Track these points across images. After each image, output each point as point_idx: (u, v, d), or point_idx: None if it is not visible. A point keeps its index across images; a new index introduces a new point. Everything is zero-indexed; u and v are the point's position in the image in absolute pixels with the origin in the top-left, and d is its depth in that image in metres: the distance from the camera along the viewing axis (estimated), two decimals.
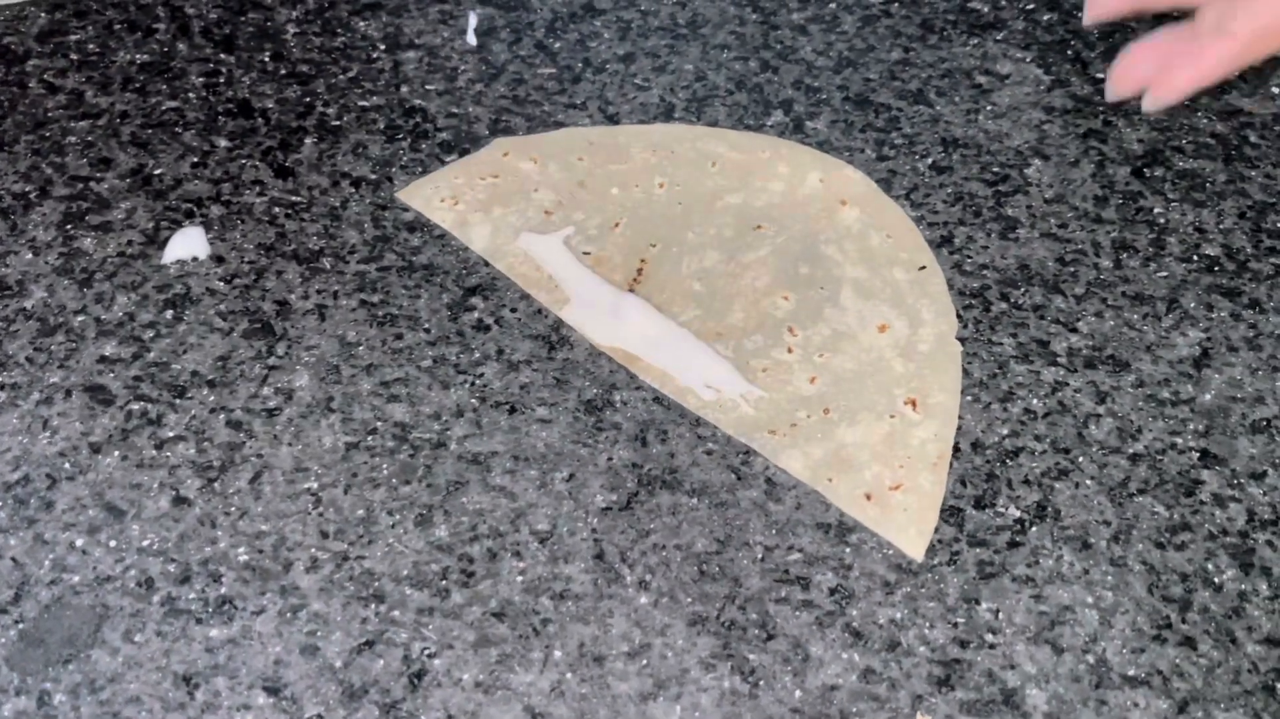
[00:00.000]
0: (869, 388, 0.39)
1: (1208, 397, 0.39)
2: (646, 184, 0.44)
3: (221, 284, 0.41)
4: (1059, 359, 0.40)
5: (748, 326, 0.40)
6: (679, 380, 0.39)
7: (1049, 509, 0.36)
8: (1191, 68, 0.41)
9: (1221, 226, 0.43)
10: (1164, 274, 0.42)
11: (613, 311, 0.40)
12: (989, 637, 0.34)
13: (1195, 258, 0.43)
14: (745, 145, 0.45)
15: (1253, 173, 0.45)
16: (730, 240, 0.42)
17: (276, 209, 0.43)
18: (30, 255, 0.42)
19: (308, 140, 0.45)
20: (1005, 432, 0.38)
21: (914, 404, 0.38)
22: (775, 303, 0.41)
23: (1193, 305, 0.41)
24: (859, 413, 0.38)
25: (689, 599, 0.35)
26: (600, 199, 0.43)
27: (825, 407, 0.38)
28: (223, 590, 0.34)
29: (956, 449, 0.38)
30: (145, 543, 0.35)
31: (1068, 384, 0.39)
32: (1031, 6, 0.50)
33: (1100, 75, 0.47)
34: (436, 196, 0.44)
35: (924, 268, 0.42)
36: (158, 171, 0.44)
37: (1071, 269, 0.42)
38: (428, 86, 0.47)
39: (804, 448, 0.37)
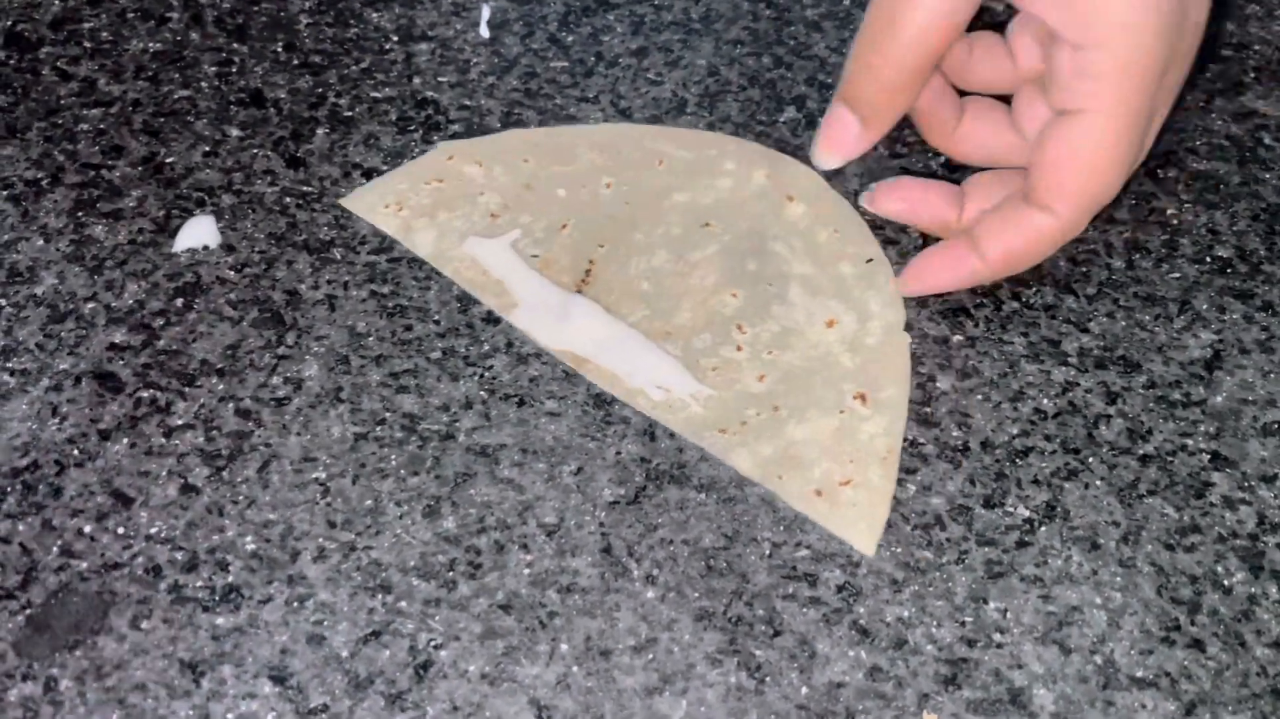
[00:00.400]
0: (818, 384, 0.38)
1: (1219, 399, 0.39)
2: (593, 185, 0.44)
3: (232, 273, 0.41)
4: (1069, 359, 0.40)
5: (696, 325, 0.40)
6: (629, 382, 0.39)
7: (1058, 509, 0.36)
8: (944, 271, 0.40)
9: (1235, 229, 0.43)
10: (1176, 275, 0.42)
11: (561, 314, 0.40)
12: (997, 636, 0.34)
13: (1208, 259, 0.42)
14: (693, 143, 0.45)
15: (1267, 175, 0.45)
16: (678, 239, 0.42)
17: (288, 199, 0.43)
18: (41, 242, 0.42)
19: (319, 131, 0.45)
20: (1015, 431, 0.38)
21: (863, 399, 0.38)
22: (724, 300, 0.41)
23: (1205, 307, 0.41)
24: (808, 409, 0.38)
25: (696, 594, 0.34)
26: (547, 201, 0.43)
27: (775, 404, 0.38)
28: (230, 579, 0.34)
29: (966, 448, 0.38)
30: (153, 530, 0.35)
31: (1078, 384, 0.39)
32: None
33: None
34: (380, 203, 0.43)
35: (871, 260, 0.41)
36: (169, 160, 0.44)
37: (1083, 269, 0.42)
38: (440, 78, 0.47)
39: (753, 446, 0.37)
